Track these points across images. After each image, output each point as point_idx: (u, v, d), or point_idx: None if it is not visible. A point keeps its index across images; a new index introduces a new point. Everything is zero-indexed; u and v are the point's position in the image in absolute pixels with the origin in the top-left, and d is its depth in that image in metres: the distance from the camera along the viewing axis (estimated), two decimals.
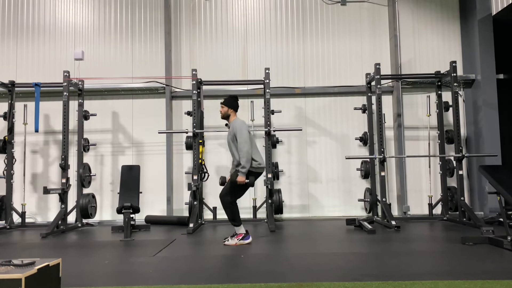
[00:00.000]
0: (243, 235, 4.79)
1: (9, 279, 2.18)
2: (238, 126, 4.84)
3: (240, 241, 4.74)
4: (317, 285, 2.91)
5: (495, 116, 6.96)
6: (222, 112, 5.05)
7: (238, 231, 4.81)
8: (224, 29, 7.67)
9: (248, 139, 4.78)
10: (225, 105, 5.02)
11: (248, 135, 4.81)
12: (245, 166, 4.70)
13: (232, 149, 4.94)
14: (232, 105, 5.03)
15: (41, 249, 4.81)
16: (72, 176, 6.59)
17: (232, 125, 4.95)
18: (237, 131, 4.81)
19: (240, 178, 4.70)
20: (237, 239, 4.75)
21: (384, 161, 6.19)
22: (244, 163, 4.70)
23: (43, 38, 7.58)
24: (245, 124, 4.95)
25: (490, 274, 3.14)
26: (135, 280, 3.25)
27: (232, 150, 4.95)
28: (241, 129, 4.81)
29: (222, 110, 5.05)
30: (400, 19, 7.51)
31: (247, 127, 4.94)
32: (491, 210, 6.67)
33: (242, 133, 4.78)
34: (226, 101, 5.04)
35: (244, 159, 4.70)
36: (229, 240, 4.78)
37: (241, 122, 4.93)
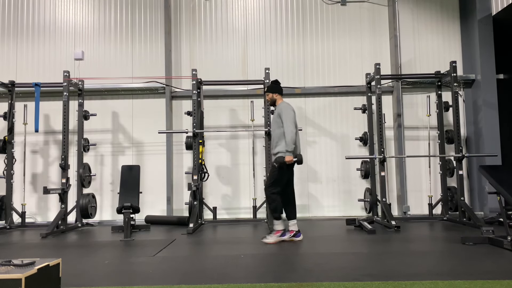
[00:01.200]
0: (282, 231, 4.78)
1: (9, 279, 2.18)
2: (284, 108, 4.82)
3: (279, 237, 4.74)
4: (317, 285, 2.91)
5: (495, 116, 6.96)
6: (268, 100, 5.10)
7: (276, 227, 4.79)
8: (224, 29, 7.67)
9: (293, 120, 4.73)
10: (269, 92, 5.05)
11: (293, 116, 4.77)
12: (289, 144, 4.63)
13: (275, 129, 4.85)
14: (276, 89, 5.04)
15: (41, 249, 4.81)
16: (72, 176, 6.59)
17: (277, 107, 4.94)
18: (282, 112, 4.78)
19: (288, 158, 4.64)
20: (276, 236, 4.75)
21: (384, 161, 6.19)
22: (288, 141, 4.64)
23: (43, 38, 7.59)
24: (291, 106, 4.90)
25: (490, 274, 3.14)
26: (135, 280, 3.25)
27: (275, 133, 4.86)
28: (286, 109, 4.79)
29: (268, 97, 5.10)
30: (400, 19, 7.52)
31: (293, 109, 4.88)
32: (491, 210, 6.67)
33: (288, 114, 4.75)
34: (268, 88, 5.09)
35: (288, 138, 4.64)
36: (267, 238, 4.76)
37: (287, 104, 4.91)
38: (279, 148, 4.77)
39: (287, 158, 4.65)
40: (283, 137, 4.75)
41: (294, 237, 4.84)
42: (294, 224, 4.89)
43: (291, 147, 4.66)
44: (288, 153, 4.68)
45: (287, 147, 4.67)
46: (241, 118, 7.48)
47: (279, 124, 4.82)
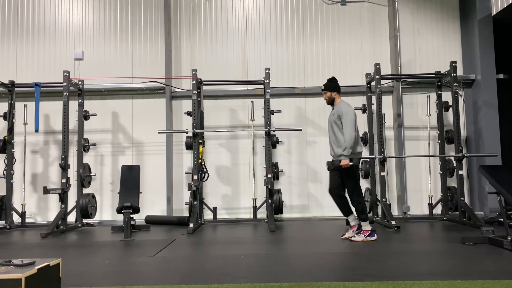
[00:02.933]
0: (370, 232, 4.79)
1: (9, 279, 2.18)
2: (345, 109, 4.76)
3: (366, 237, 4.75)
4: (317, 285, 2.91)
5: (495, 116, 6.96)
6: (326, 98, 5.01)
7: (364, 227, 4.81)
8: (224, 29, 7.67)
9: (354, 123, 4.69)
10: (327, 90, 4.97)
11: (354, 119, 4.72)
12: (347, 148, 4.61)
13: (334, 130, 4.82)
14: (334, 88, 4.97)
15: (41, 249, 4.81)
16: (72, 176, 6.59)
17: (337, 107, 4.88)
18: (343, 113, 4.73)
19: (344, 162, 4.63)
20: (364, 236, 4.76)
21: (384, 161, 6.19)
22: (348, 144, 4.62)
23: (43, 38, 7.58)
24: (351, 107, 4.86)
25: (490, 274, 3.14)
26: (135, 280, 3.25)
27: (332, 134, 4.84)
28: (347, 111, 4.74)
29: (325, 96, 5.00)
30: (400, 19, 7.51)
31: (354, 111, 4.84)
32: (491, 210, 6.67)
33: (348, 116, 4.70)
34: (326, 86, 4.99)
35: (348, 142, 4.63)
36: (355, 237, 4.75)
37: (347, 105, 4.86)
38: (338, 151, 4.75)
39: (343, 162, 4.65)
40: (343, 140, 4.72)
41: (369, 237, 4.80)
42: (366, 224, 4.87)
43: (347, 152, 4.64)
44: (344, 157, 4.66)
45: (344, 152, 4.65)
46: (241, 118, 7.48)
47: (339, 126, 4.78)
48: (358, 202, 4.83)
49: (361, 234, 4.79)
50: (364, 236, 4.77)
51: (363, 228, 4.83)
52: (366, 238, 4.76)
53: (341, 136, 4.77)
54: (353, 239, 4.79)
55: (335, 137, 4.83)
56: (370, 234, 4.79)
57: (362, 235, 4.78)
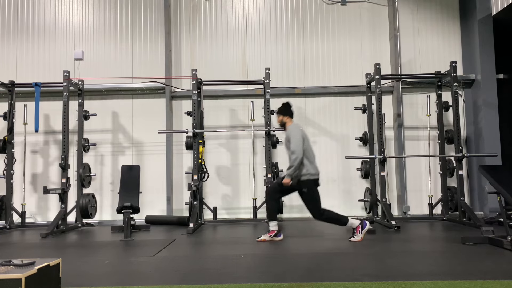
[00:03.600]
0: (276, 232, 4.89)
1: (9, 279, 2.18)
2: (292, 132, 4.88)
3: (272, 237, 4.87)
4: (317, 285, 2.91)
5: (495, 116, 6.96)
6: (278, 122, 5.17)
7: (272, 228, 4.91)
8: (224, 29, 7.67)
9: (300, 143, 4.76)
10: (280, 114, 5.11)
11: (300, 140, 4.79)
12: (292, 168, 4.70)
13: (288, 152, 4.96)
14: (287, 112, 5.10)
15: (41, 249, 4.81)
16: (72, 176, 6.59)
17: (287, 131, 5.01)
18: (290, 135, 4.86)
19: (285, 180, 4.74)
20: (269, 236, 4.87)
21: (384, 161, 6.19)
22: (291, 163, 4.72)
23: (43, 38, 7.58)
24: (299, 129, 4.92)
25: (490, 274, 3.14)
26: (135, 280, 3.25)
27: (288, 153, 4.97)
28: (295, 133, 4.84)
29: (278, 119, 5.16)
30: (400, 19, 7.51)
31: (302, 133, 4.90)
32: (491, 210, 6.67)
33: (296, 138, 4.80)
34: (279, 110, 5.13)
35: (291, 161, 4.73)
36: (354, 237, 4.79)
37: (295, 127, 4.95)
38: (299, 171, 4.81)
39: (284, 180, 4.76)
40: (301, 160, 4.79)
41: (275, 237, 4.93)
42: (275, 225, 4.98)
43: (291, 171, 4.72)
44: (287, 176, 4.75)
45: (288, 171, 4.75)
46: (241, 118, 7.48)
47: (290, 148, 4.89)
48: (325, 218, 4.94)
49: (267, 234, 4.89)
50: (269, 236, 4.86)
51: (270, 228, 4.92)
52: (271, 237, 4.86)
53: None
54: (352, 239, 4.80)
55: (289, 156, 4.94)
56: (276, 235, 4.90)
57: (268, 235, 4.87)
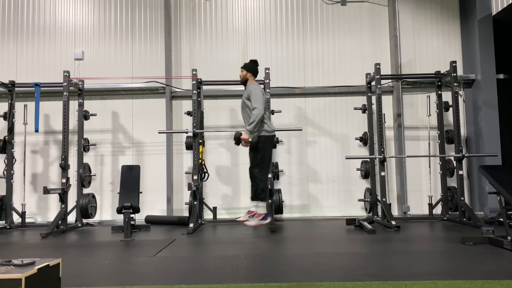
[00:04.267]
0: (264, 215, 4.75)
1: (9, 279, 2.18)
2: (253, 88, 4.83)
3: (260, 221, 4.72)
4: (317, 285, 2.91)
5: (495, 116, 6.96)
6: (241, 76, 5.08)
7: (259, 210, 4.75)
8: (224, 29, 7.67)
9: (261, 101, 4.73)
10: (244, 69, 5.04)
11: (262, 97, 4.76)
12: (254, 122, 4.64)
13: (244, 112, 4.88)
14: (251, 69, 5.05)
15: (41, 249, 4.81)
16: (72, 176, 6.59)
17: (247, 87, 4.96)
18: (251, 93, 4.80)
19: (244, 136, 4.66)
20: (258, 219, 4.72)
21: (384, 161, 6.19)
22: (253, 119, 4.65)
23: (43, 38, 7.58)
24: (260, 87, 4.92)
25: (490, 274, 3.14)
26: (135, 280, 3.25)
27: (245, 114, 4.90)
28: (255, 90, 4.80)
29: (241, 74, 5.08)
30: (400, 19, 7.51)
31: (263, 91, 4.89)
32: (491, 210, 6.67)
33: (256, 94, 4.76)
34: (245, 65, 5.08)
35: (253, 117, 4.66)
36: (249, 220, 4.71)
37: (257, 85, 4.92)
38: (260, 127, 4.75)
39: (243, 136, 4.66)
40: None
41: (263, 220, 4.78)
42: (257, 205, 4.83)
43: (251, 127, 4.67)
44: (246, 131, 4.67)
45: (248, 127, 4.68)
46: (241, 118, 7.44)
47: (249, 106, 4.84)
48: (260, 180, 4.74)
49: (255, 217, 4.72)
50: (258, 219, 4.70)
51: (258, 211, 4.76)
52: (260, 221, 4.70)
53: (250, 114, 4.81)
54: (247, 223, 4.71)
55: (246, 115, 4.87)
56: (264, 218, 4.75)
57: (256, 218, 4.71)
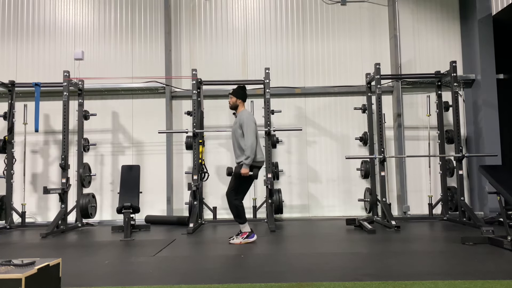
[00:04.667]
0: (248, 233, 4.79)
1: (9, 279, 2.18)
2: (245, 118, 4.83)
3: (245, 239, 4.74)
4: (317, 285, 2.91)
5: (495, 116, 6.96)
6: (230, 103, 5.08)
7: (243, 229, 4.81)
8: (224, 29, 7.67)
9: (254, 132, 4.77)
10: (234, 96, 5.04)
11: (254, 128, 4.81)
12: (249, 157, 4.68)
13: (236, 140, 4.90)
14: (241, 95, 5.05)
15: (41, 249, 4.81)
16: (72, 176, 6.59)
17: (239, 116, 4.95)
18: (244, 123, 4.80)
19: (244, 170, 4.68)
20: (242, 238, 4.76)
21: (384, 161, 6.19)
22: (248, 154, 4.68)
23: (43, 38, 7.58)
24: (252, 117, 4.95)
25: (490, 274, 3.14)
26: (135, 280, 3.25)
27: (235, 141, 4.91)
28: (248, 121, 4.81)
29: (230, 100, 5.07)
30: (400, 19, 7.51)
31: (255, 120, 4.92)
32: (491, 210, 6.67)
33: (249, 125, 4.78)
34: (234, 92, 5.06)
35: (248, 150, 4.69)
36: (234, 239, 4.78)
37: (248, 114, 4.94)
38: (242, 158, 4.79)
39: (243, 170, 4.69)
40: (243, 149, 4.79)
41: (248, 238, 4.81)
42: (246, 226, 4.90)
43: (249, 161, 4.70)
44: (245, 166, 4.70)
45: (246, 161, 4.70)
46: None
47: (240, 134, 4.84)
48: (235, 206, 4.79)
49: (239, 236, 4.78)
50: (242, 238, 4.75)
51: (241, 230, 4.82)
52: (244, 240, 4.74)
53: (242, 144, 4.81)
54: (231, 241, 4.75)
55: (238, 144, 4.88)
56: (249, 236, 4.78)
57: (240, 237, 4.76)
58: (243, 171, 4.69)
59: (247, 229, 4.82)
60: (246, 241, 4.74)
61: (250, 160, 4.69)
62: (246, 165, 4.69)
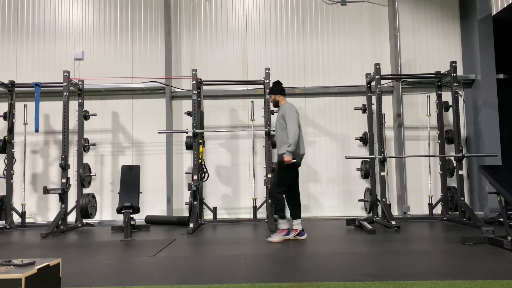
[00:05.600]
0: (287, 230, 4.82)
1: (9, 279, 2.18)
2: (287, 108, 4.91)
3: (283, 237, 4.77)
4: (317, 285, 2.91)
5: (495, 116, 6.96)
6: (271, 101, 5.18)
7: (281, 226, 4.85)
8: (224, 29, 7.67)
9: (296, 121, 4.83)
10: (272, 94, 5.13)
11: (296, 117, 4.87)
12: (292, 144, 4.71)
13: (279, 131, 4.93)
14: (277, 90, 5.11)
15: (41, 249, 4.81)
16: (72, 176, 6.59)
17: (281, 108, 5.03)
18: (285, 113, 4.87)
19: (287, 158, 4.72)
20: (280, 235, 4.78)
21: (384, 161, 6.19)
22: (291, 141, 4.72)
23: (43, 38, 7.58)
24: (294, 107, 4.98)
25: (490, 274, 3.14)
26: (135, 280, 3.25)
27: (278, 133, 4.94)
28: (289, 111, 4.87)
29: (270, 99, 5.17)
30: (400, 19, 7.51)
31: (296, 110, 4.96)
32: (491, 210, 6.67)
33: (291, 115, 4.83)
34: (271, 90, 5.17)
35: (291, 138, 4.73)
36: (272, 237, 4.79)
37: (290, 105, 4.99)
38: (282, 149, 4.84)
39: (286, 158, 4.73)
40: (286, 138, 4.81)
41: (299, 236, 4.89)
42: (298, 223, 4.96)
43: (292, 148, 4.74)
44: (288, 153, 4.73)
45: (289, 148, 4.74)
46: (241, 118, 7.48)
47: (282, 126, 4.90)
48: (278, 199, 4.86)
49: (277, 233, 4.83)
50: (281, 235, 4.80)
51: (279, 227, 4.87)
52: (283, 237, 4.79)
53: (285, 135, 4.84)
54: (270, 239, 4.80)
55: (282, 137, 4.90)
56: (287, 233, 4.83)
57: (279, 234, 4.81)
58: (286, 159, 4.72)
59: (286, 226, 4.85)
60: (285, 238, 4.77)
61: (293, 148, 4.73)
62: (289, 152, 4.73)
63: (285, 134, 4.84)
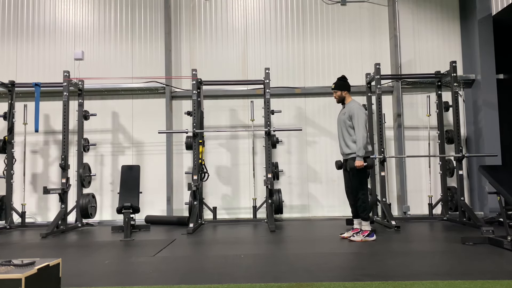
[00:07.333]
0: (369, 232, 4.80)
1: (9, 279, 2.18)
2: (357, 109, 4.76)
3: (365, 237, 4.76)
4: (317, 285, 2.91)
5: (495, 116, 6.96)
6: (336, 97, 4.98)
7: (364, 227, 4.83)
8: (224, 29, 7.67)
9: (365, 123, 4.74)
10: (337, 89, 4.95)
11: (365, 119, 4.77)
12: (360, 149, 4.65)
13: (343, 130, 4.84)
14: (344, 86, 4.95)
15: (41, 249, 4.81)
16: (72, 176, 6.59)
17: (348, 106, 4.88)
18: (354, 114, 4.74)
19: (358, 162, 4.66)
20: (363, 236, 4.77)
21: (384, 161, 6.19)
22: (360, 145, 4.66)
23: (43, 38, 7.58)
24: (363, 108, 4.88)
25: (490, 274, 3.14)
26: (135, 280, 3.25)
27: (342, 132, 4.86)
28: (359, 112, 4.74)
29: (335, 95, 4.98)
30: (400, 19, 7.51)
31: (365, 111, 4.86)
32: (491, 210, 6.67)
33: (361, 116, 4.72)
34: (336, 85, 4.97)
35: (360, 142, 4.66)
36: (354, 236, 4.78)
37: (359, 105, 4.86)
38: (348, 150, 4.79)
39: (357, 163, 4.68)
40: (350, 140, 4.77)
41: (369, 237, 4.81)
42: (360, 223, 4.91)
43: (362, 152, 4.68)
44: (359, 158, 4.69)
45: (358, 152, 4.68)
46: (241, 118, 7.48)
47: (347, 125, 4.80)
48: (362, 201, 4.84)
49: (360, 234, 4.81)
50: (363, 236, 4.79)
51: (363, 228, 4.85)
52: (365, 238, 4.77)
53: (351, 136, 4.80)
54: (352, 238, 4.81)
55: (346, 136, 4.84)
56: (369, 234, 4.80)
57: (361, 235, 4.79)
58: (358, 164, 4.66)
59: (368, 228, 4.82)
60: (367, 239, 4.75)
61: (362, 152, 4.67)
62: (360, 157, 4.67)
63: (349, 135, 4.77)
